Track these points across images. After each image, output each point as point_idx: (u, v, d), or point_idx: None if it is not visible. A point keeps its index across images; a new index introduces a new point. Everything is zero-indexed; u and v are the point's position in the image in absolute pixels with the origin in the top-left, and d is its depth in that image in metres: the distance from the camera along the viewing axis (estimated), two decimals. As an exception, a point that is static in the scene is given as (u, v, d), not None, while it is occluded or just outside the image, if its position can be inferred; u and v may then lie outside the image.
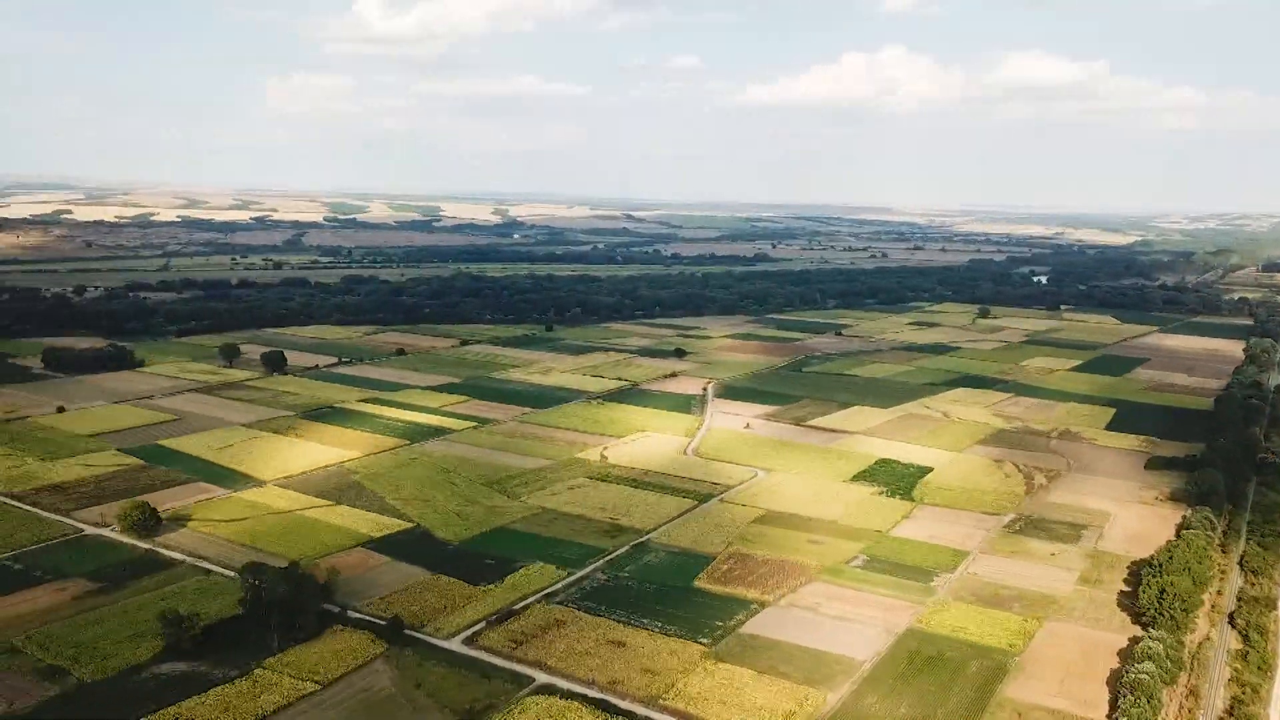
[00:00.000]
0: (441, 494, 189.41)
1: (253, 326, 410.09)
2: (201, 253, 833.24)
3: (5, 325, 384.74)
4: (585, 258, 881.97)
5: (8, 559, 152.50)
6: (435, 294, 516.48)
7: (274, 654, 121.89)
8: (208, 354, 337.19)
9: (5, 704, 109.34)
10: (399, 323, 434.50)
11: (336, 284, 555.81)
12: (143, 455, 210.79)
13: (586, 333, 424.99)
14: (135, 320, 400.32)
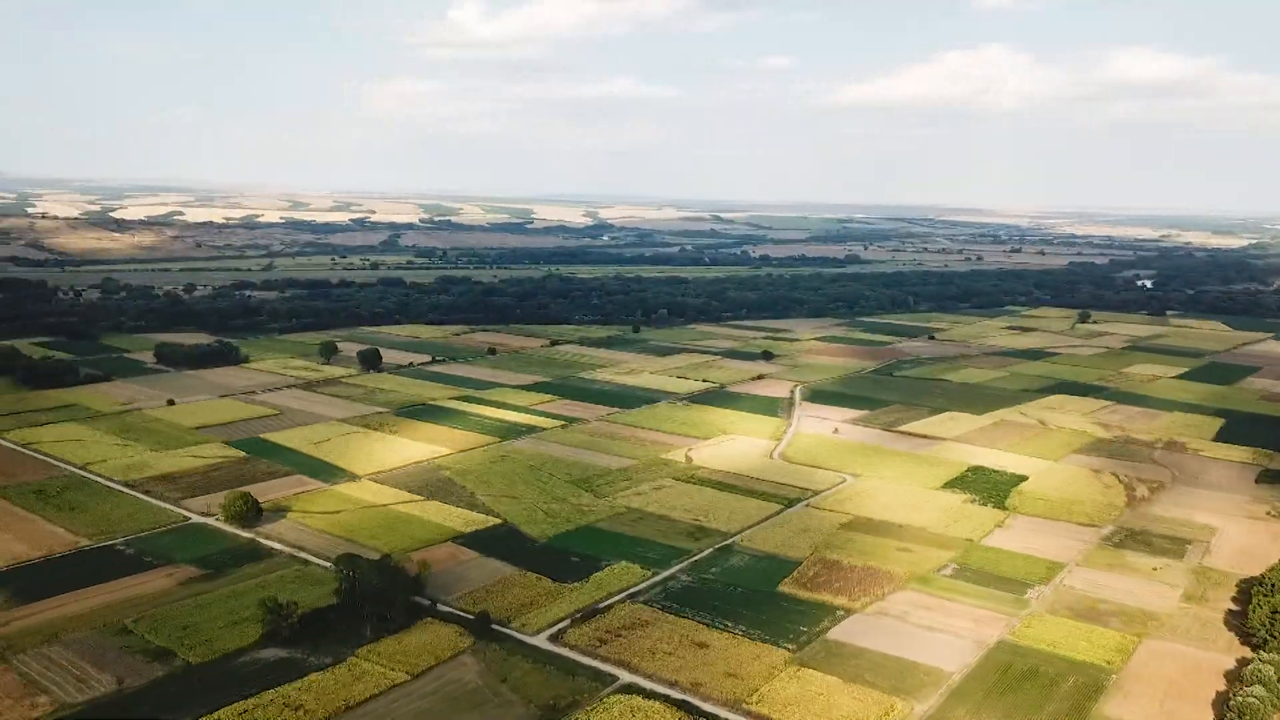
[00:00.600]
0: (529, 491, 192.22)
1: (350, 325, 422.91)
2: (303, 253, 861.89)
3: (122, 322, 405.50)
4: (673, 259, 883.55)
5: (121, 544, 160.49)
6: (526, 295, 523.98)
7: (367, 643, 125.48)
8: (308, 351, 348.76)
9: (117, 681, 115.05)
10: (490, 323, 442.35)
11: (431, 284, 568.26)
12: (246, 448, 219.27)
13: (673, 334, 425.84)
14: (241, 318, 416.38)
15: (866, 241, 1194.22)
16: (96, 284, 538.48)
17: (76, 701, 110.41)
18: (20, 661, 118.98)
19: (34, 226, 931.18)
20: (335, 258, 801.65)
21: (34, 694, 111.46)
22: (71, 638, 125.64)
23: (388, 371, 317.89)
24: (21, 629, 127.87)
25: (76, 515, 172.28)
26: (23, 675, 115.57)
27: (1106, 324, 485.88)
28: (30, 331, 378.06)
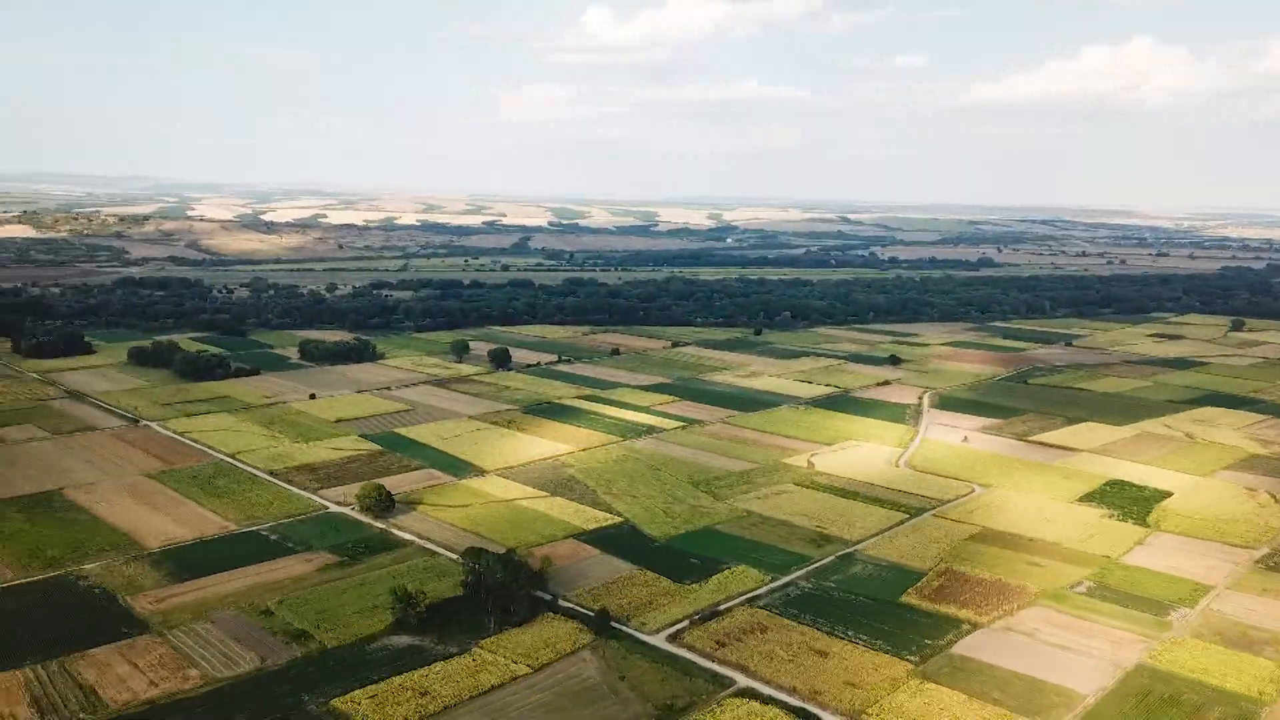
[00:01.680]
0: (650, 491, 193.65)
1: (481, 324, 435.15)
2: (437, 254, 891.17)
3: (269, 319, 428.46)
4: (797, 261, 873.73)
5: (266, 529, 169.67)
6: (649, 296, 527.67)
7: (490, 635, 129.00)
8: (440, 349, 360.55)
9: (260, 660, 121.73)
10: (615, 323, 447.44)
11: (558, 285, 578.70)
12: (380, 441, 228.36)
13: (796, 337, 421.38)
14: (378, 316, 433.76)
15: (1000, 244, 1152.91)
16: (247, 283, 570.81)
17: (223, 677, 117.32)
18: (174, 636, 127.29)
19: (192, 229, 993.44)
20: (468, 259, 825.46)
21: (186, 667, 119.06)
22: (220, 616, 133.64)
23: (516, 370, 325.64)
24: (176, 605, 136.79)
25: (226, 501, 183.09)
26: (176, 649, 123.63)
27: (1263, 332, 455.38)
28: (188, 327, 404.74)
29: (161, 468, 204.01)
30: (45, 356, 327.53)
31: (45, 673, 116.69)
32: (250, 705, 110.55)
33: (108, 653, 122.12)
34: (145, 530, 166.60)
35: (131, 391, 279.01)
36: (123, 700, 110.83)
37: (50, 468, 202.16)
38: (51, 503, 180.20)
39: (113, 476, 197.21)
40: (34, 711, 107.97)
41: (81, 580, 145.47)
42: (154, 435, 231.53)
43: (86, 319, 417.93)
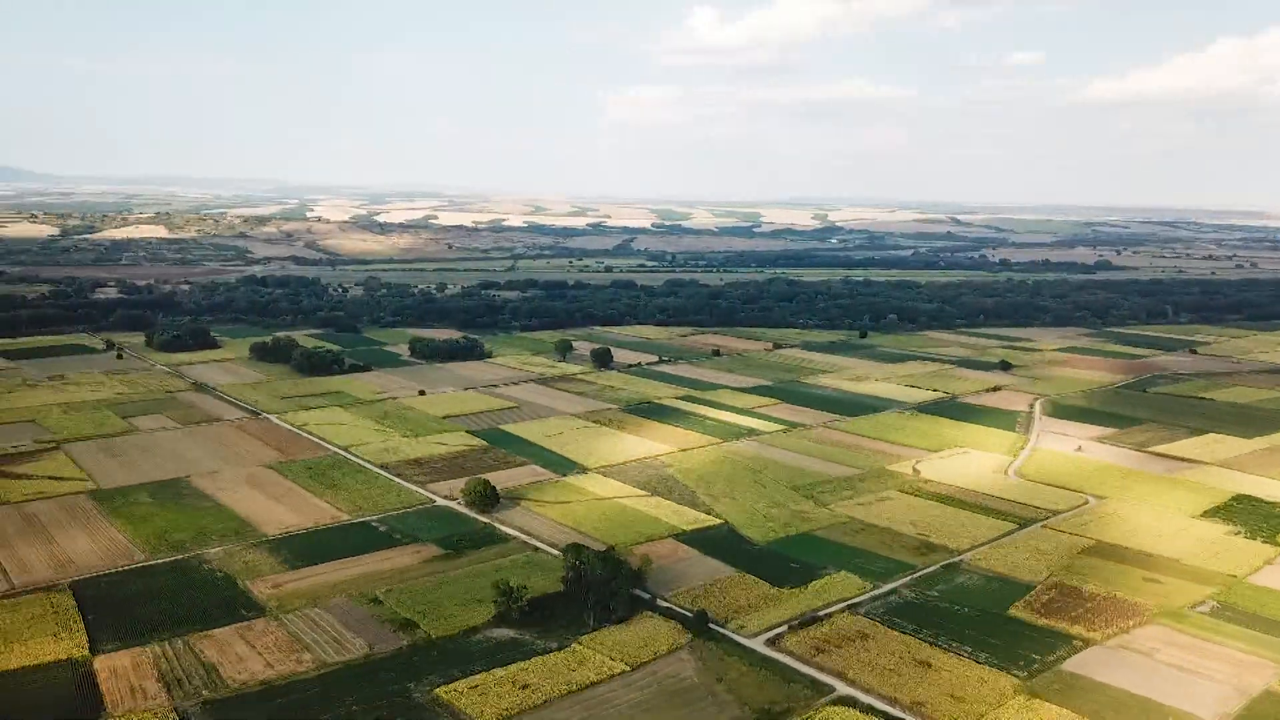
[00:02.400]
0: (749, 494, 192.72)
1: (585, 324, 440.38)
2: (543, 255, 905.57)
3: (381, 317, 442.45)
4: (904, 263, 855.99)
5: (376, 520, 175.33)
6: (751, 298, 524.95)
7: (589, 632, 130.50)
8: (545, 348, 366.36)
9: (368, 647, 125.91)
10: (716, 325, 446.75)
11: (660, 287, 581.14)
12: (486, 437, 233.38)
13: (902, 340, 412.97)
14: (485, 315, 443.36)
15: (1119, 246, 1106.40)
16: (361, 282, 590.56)
17: (334, 661, 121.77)
18: (289, 620, 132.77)
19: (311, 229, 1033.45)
20: (572, 260, 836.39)
21: (299, 651, 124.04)
22: (332, 603, 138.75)
23: (617, 370, 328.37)
24: (291, 591, 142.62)
25: (339, 492, 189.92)
26: (291, 633, 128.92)
27: None
28: (306, 324, 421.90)
29: (279, 458, 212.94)
30: (174, 350, 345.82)
31: (171, 649, 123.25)
32: (359, 690, 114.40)
33: (228, 633, 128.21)
34: (264, 518, 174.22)
35: (253, 385, 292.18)
36: (241, 679, 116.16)
37: (178, 456, 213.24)
38: (179, 489, 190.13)
39: (234, 466, 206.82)
40: (161, 686, 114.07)
41: (205, 564, 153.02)
42: (273, 427, 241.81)
43: (212, 315, 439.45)
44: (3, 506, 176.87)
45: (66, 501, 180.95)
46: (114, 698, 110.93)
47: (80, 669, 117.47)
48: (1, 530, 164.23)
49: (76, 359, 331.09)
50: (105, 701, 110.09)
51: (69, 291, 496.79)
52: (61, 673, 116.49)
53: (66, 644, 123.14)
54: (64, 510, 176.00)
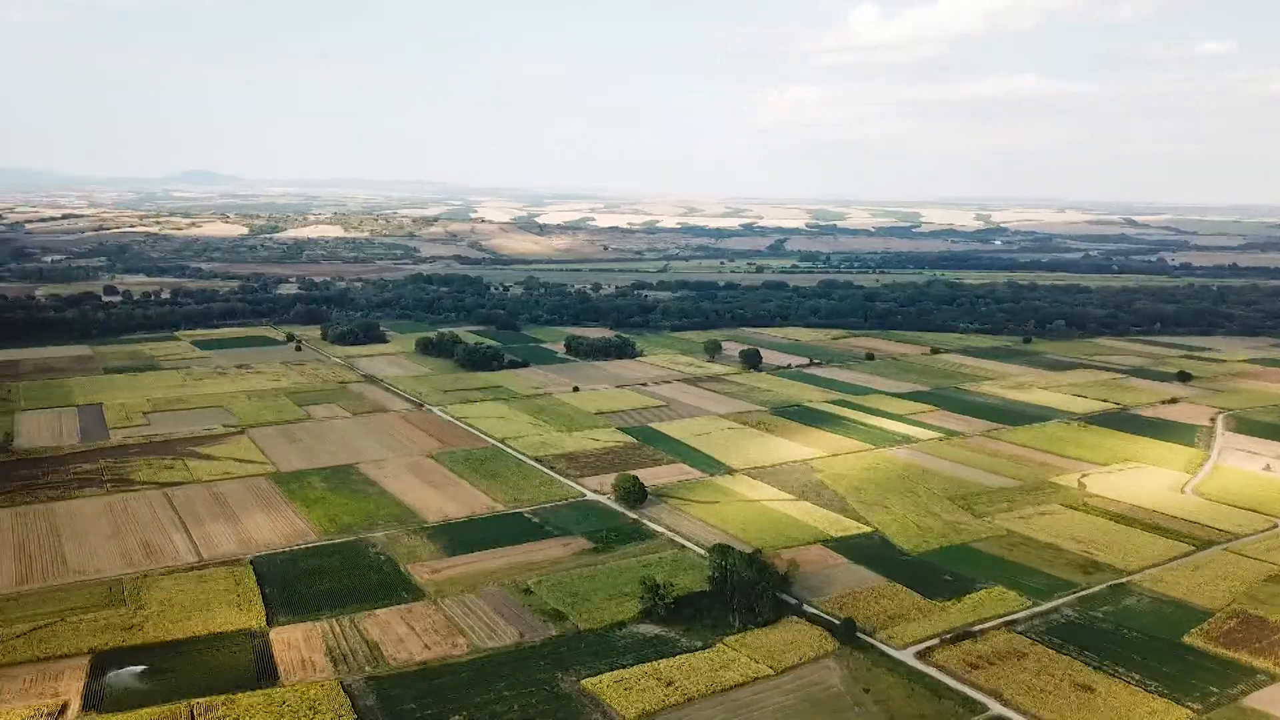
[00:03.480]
0: (902, 502, 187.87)
1: (734, 325, 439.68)
2: (695, 256, 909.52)
3: (539, 315, 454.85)
4: (1073, 266, 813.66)
5: (529, 512, 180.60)
6: (908, 300, 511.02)
7: (734, 633, 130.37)
8: (694, 348, 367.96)
9: (519, 635, 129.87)
10: (870, 328, 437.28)
11: (812, 288, 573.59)
12: (636, 434, 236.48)
13: (1070, 347, 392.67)
14: (637, 315, 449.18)
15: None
16: (521, 281, 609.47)
17: (487, 647, 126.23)
18: (446, 605, 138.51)
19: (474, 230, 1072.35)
20: (723, 261, 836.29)
21: (455, 635, 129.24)
22: (486, 590, 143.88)
23: (766, 371, 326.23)
24: (449, 577, 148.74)
25: (495, 483, 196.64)
26: (447, 617, 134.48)
27: None
28: (468, 321, 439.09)
29: (440, 449, 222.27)
30: (347, 344, 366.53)
31: (339, 626, 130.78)
32: (510, 677, 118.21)
33: (389, 614, 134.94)
34: (425, 505, 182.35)
35: (418, 378, 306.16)
36: (401, 659, 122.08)
37: (348, 444, 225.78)
38: (348, 475, 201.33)
39: (399, 454, 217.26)
40: (328, 660, 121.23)
41: (370, 547, 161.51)
42: (435, 419, 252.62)
43: (382, 311, 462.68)
44: (195, 486, 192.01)
45: (249, 483, 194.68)
46: (287, 668, 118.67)
47: (258, 639, 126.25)
48: (193, 508, 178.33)
49: (260, 350, 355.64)
50: (279, 671, 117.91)
51: (255, 287, 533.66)
52: (242, 641, 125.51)
53: (247, 615, 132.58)
54: (247, 491, 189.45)
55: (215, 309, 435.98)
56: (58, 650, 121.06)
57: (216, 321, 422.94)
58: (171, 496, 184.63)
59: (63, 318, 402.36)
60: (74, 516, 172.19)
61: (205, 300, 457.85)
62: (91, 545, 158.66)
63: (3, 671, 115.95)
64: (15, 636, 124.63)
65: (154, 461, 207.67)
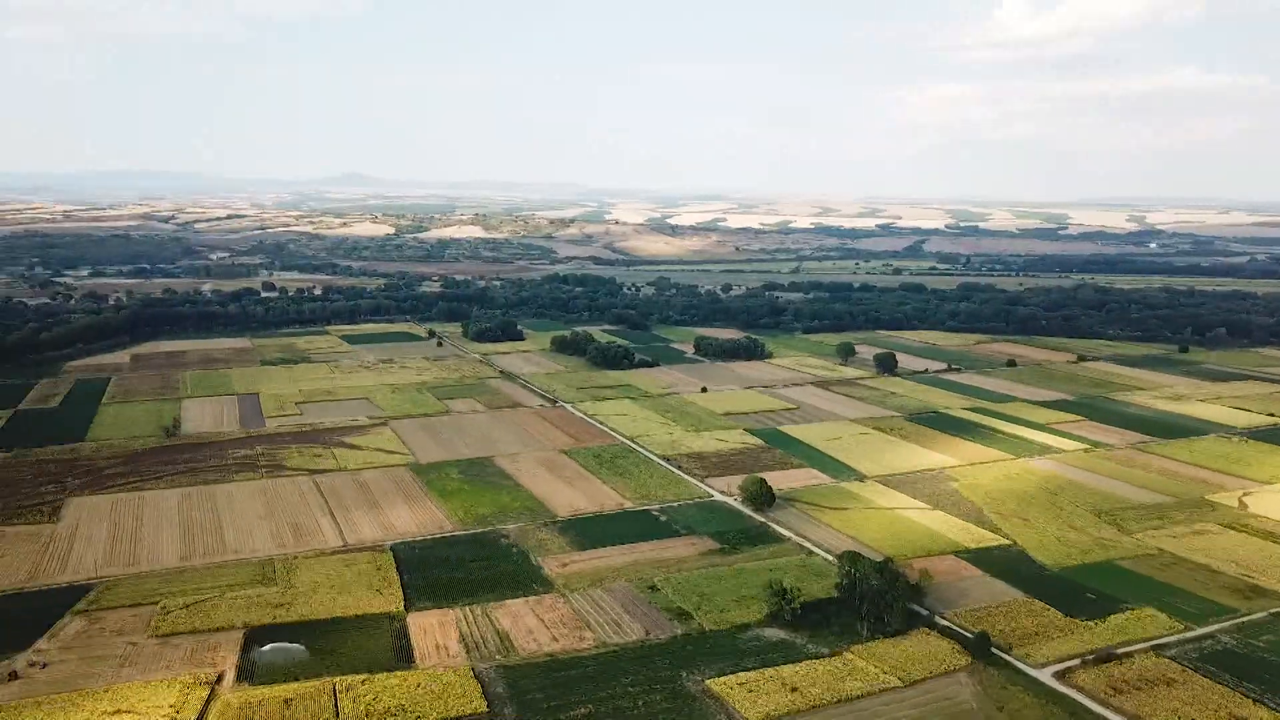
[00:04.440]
0: (1043, 515, 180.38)
1: (868, 328, 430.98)
2: (829, 257, 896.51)
3: (669, 315, 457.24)
4: (1237, 270, 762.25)
5: (656, 510, 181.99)
6: (1053, 305, 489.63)
7: (862, 642, 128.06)
8: (826, 351, 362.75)
9: (644, 632, 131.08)
10: (1012, 333, 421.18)
11: (952, 291, 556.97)
12: (764, 437, 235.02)
13: (1232, 357, 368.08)
14: (768, 316, 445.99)
15: None
16: (652, 281, 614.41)
17: (613, 643, 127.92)
18: (574, 599, 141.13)
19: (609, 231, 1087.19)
20: (858, 262, 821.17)
21: (582, 629, 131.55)
22: (612, 586, 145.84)
23: (902, 376, 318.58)
24: (577, 571, 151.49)
25: (624, 480, 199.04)
26: (575, 611, 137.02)
27: None
28: (600, 320, 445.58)
29: (572, 445, 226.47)
30: (485, 340, 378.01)
31: (471, 614, 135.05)
32: (635, 673, 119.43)
33: (520, 605, 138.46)
34: (556, 499, 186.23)
35: (551, 375, 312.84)
36: (529, 649, 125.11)
37: (485, 437, 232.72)
38: (484, 467, 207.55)
39: (532, 449, 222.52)
40: (461, 646, 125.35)
41: (503, 538, 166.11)
42: (567, 415, 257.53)
43: (519, 309, 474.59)
44: (341, 474, 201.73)
45: (391, 472, 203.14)
46: (422, 652, 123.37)
47: (396, 622, 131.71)
48: (339, 494, 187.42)
49: (404, 345, 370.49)
50: (415, 654, 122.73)
51: (400, 285, 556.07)
52: (382, 624, 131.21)
53: (386, 599, 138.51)
54: (389, 480, 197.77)
55: (363, 305, 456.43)
56: (215, 624, 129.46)
57: (364, 317, 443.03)
58: (320, 483, 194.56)
59: (225, 312, 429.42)
60: (232, 499, 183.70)
61: (354, 297, 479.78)
62: (247, 526, 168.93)
63: (167, 640, 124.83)
64: (180, 608, 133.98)
65: (304, 449, 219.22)
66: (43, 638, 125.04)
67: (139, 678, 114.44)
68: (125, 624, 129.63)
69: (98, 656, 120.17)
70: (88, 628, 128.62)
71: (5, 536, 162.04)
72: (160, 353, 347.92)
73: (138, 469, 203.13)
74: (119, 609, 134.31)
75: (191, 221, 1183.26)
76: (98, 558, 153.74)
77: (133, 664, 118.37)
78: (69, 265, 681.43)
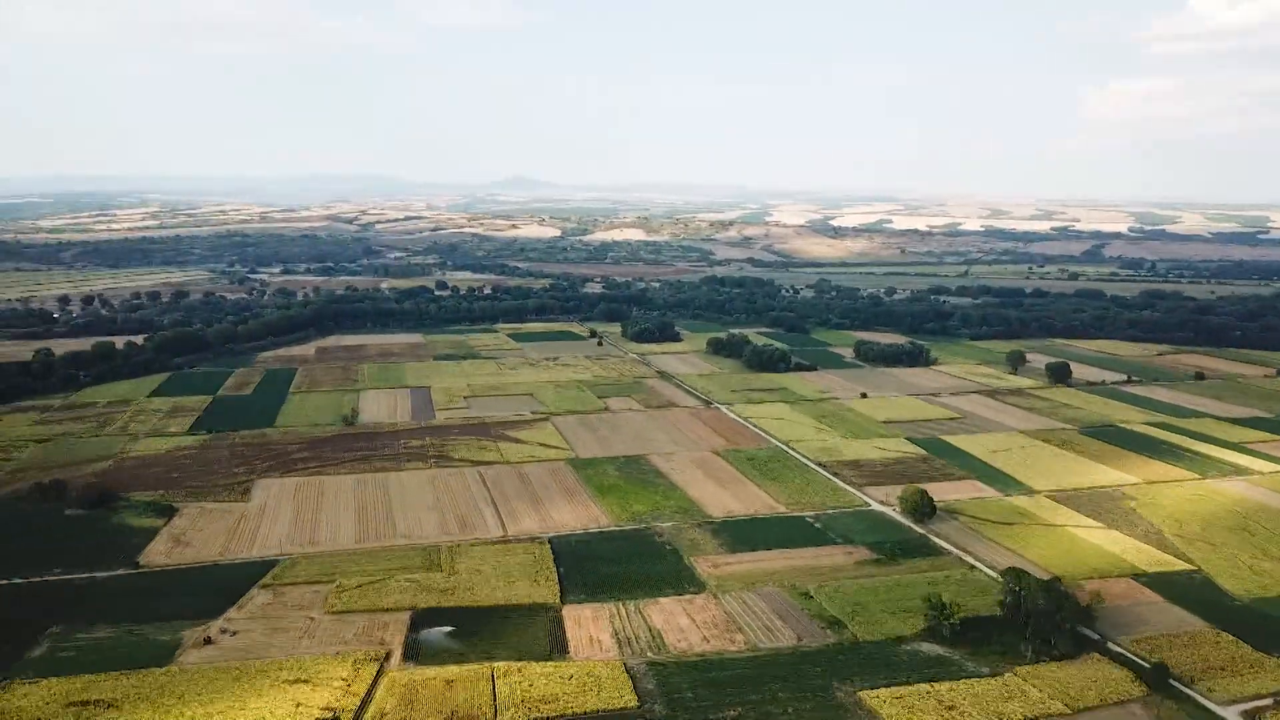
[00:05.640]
0: (1232, 540, 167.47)
1: (1041, 336, 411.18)
2: (999, 261, 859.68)
3: (829, 318, 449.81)
4: None
5: (810, 517, 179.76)
6: (1250, 315, 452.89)
7: (1026, 664, 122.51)
8: (994, 359, 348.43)
9: (796, 638, 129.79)
10: (1200, 344, 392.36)
11: (1133, 297, 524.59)
12: (926, 446, 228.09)
13: None
14: (932, 322, 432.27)
15: None
16: (812, 284, 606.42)
17: (764, 647, 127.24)
18: (726, 601, 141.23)
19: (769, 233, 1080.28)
20: (1031, 267, 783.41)
21: (733, 631, 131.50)
22: (765, 590, 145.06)
23: (1076, 387, 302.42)
24: (730, 573, 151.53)
25: (778, 484, 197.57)
26: (726, 612, 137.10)
27: None
28: (757, 322, 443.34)
29: (726, 446, 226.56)
30: (643, 341, 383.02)
31: (624, 609, 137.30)
32: (786, 679, 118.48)
33: (672, 603, 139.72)
34: (709, 500, 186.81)
35: (707, 376, 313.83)
36: (680, 648, 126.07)
37: (640, 436, 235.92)
38: (639, 465, 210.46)
39: (686, 449, 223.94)
40: (614, 641, 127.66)
41: (657, 536, 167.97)
42: (722, 417, 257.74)
43: (677, 311, 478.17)
44: (504, 466, 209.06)
45: (550, 466, 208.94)
46: (576, 644, 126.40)
47: (552, 613, 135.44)
48: (502, 486, 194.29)
49: (566, 344, 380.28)
50: (569, 645, 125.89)
51: (563, 285, 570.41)
52: (538, 614, 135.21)
53: (543, 589, 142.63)
54: (548, 474, 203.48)
55: (529, 305, 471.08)
56: (385, 604, 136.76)
57: (529, 316, 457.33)
58: (484, 474, 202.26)
59: (401, 309, 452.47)
60: (403, 486, 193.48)
61: (520, 297, 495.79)
62: (415, 513, 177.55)
63: (342, 617, 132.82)
64: (354, 587, 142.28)
65: (470, 442, 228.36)
66: (233, 607, 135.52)
67: (316, 650, 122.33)
68: (305, 599, 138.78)
69: (280, 628, 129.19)
70: (272, 601, 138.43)
71: (204, 512, 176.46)
72: (342, 346, 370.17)
73: (319, 454, 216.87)
74: (299, 585, 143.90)
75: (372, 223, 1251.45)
76: (282, 536, 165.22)
77: (310, 636, 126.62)
78: (263, 263, 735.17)
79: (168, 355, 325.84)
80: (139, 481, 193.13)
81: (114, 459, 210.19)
